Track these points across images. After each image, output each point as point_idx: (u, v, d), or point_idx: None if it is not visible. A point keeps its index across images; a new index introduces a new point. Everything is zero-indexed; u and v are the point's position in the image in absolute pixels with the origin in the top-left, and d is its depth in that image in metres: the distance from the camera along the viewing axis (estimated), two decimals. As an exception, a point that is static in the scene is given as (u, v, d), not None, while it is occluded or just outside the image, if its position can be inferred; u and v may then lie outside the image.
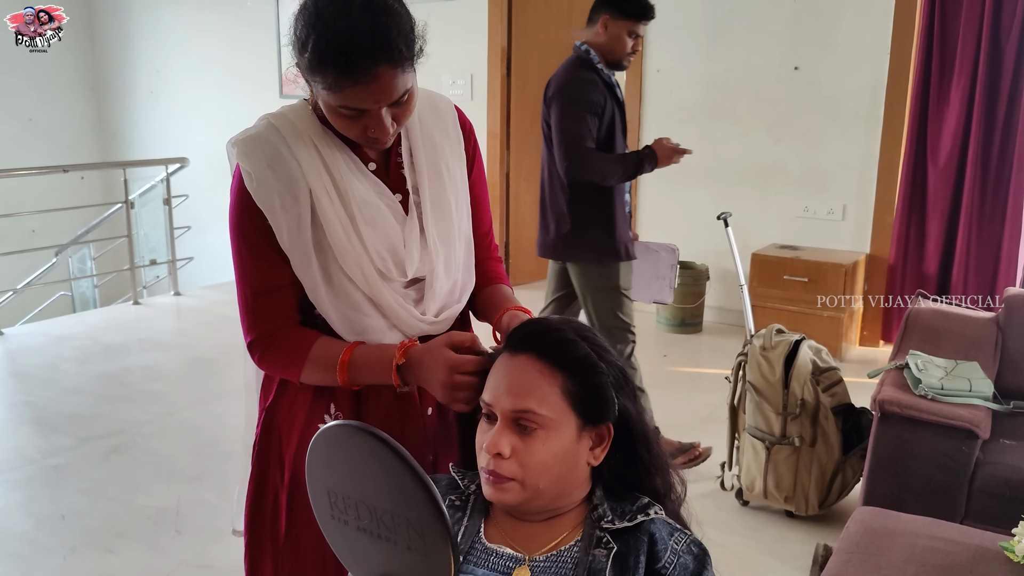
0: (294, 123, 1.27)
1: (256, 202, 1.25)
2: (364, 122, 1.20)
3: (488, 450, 1.04)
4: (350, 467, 0.95)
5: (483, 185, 1.49)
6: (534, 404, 1.03)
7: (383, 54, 1.13)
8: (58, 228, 6.56)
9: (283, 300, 1.30)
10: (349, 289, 1.28)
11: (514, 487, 1.03)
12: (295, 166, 1.25)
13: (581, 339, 1.08)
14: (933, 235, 4.29)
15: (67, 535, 2.75)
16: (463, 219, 1.40)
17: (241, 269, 1.30)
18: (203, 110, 6.92)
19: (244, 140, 1.27)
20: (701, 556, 1.05)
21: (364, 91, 1.15)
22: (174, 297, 5.91)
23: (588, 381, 1.06)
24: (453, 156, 1.39)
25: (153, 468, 3.23)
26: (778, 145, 4.68)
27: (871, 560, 1.76)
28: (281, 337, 1.30)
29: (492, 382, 1.08)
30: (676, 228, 5.07)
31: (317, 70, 1.15)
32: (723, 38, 4.74)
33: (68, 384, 4.11)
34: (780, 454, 2.69)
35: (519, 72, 5.61)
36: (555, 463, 1.04)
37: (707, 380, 4.07)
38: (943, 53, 4.14)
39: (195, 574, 2.52)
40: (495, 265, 1.52)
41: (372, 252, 1.27)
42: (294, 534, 1.37)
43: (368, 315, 1.29)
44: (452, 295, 1.38)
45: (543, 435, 1.04)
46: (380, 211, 1.29)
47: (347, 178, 1.27)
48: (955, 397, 2.38)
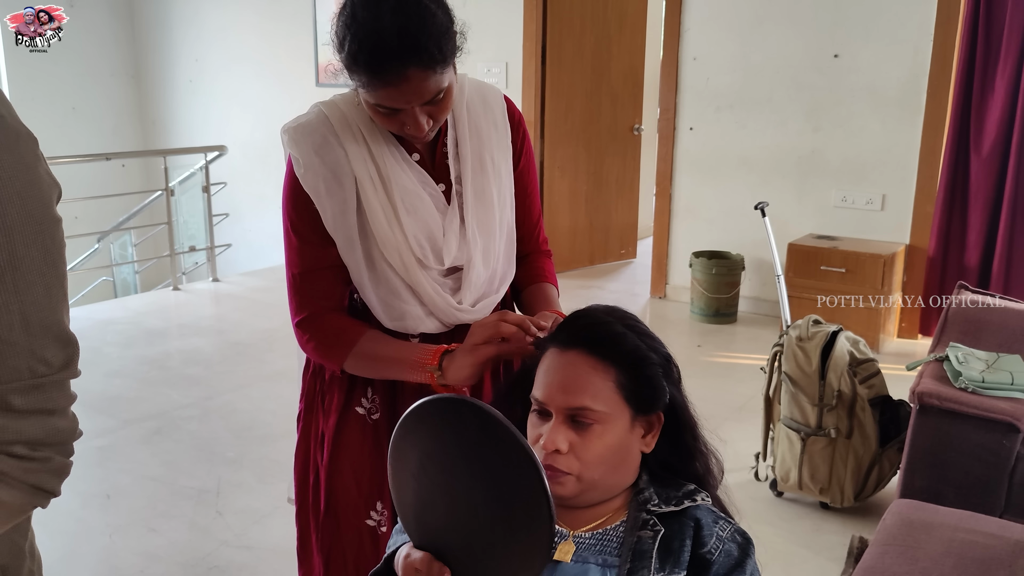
0: (344, 112, 1.30)
1: (303, 187, 1.29)
2: (400, 119, 1.22)
3: (546, 447, 1.04)
4: (461, 444, 0.92)
5: (532, 176, 1.50)
6: (589, 400, 1.04)
7: (412, 57, 1.14)
8: (100, 215, 6.68)
9: (328, 280, 1.33)
10: (389, 275, 1.31)
11: (570, 480, 1.04)
12: (341, 154, 1.28)
13: (628, 330, 1.08)
14: (975, 227, 4.21)
15: (112, 514, 2.82)
16: (505, 210, 1.41)
17: (289, 251, 1.34)
18: (241, 99, 7.00)
19: (295, 128, 1.31)
20: (745, 545, 1.05)
21: (395, 92, 1.17)
22: (212, 283, 6.00)
23: (640, 373, 1.06)
24: (499, 148, 1.40)
25: (194, 450, 3.30)
26: (816, 134, 4.62)
27: (908, 552, 1.75)
28: (331, 321, 1.33)
29: (543, 379, 1.08)
30: (712, 217, 5.04)
31: (352, 70, 1.18)
32: (761, 25, 4.69)
33: (111, 367, 4.20)
34: (816, 445, 2.68)
35: (554, 61, 5.59)
36: (610, 455, 1.05)
37: (741, 370, 4.05)
38: (988, 39, 4.05)
39: (236, 554, 2.57)
40: (544, 261, 1.53)
41: (411, 239, 1.30)
42: (333, 511, 1.42)
43: (406, 301, 1.32)
44: (490, 285, 1.40)
45: (599, 429, 1.04)
46: (421, 200, 1.31)
47: (391, 167, 1.30)
48: (996, 390, 2.34)
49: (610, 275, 6.01)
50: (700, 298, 4.82)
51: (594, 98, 5.89)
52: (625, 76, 6.04)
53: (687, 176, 5.10)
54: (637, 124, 6.19)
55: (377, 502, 1.41)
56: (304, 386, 1.47)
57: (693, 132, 5.02)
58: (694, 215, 5.12)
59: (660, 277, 5.32)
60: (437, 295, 1.33)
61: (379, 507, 1.41)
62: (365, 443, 1.40)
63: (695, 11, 4.89)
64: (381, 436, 1.39)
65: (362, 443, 1.40)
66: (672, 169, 5.15)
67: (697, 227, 5.12)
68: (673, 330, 4.74)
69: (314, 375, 1.44)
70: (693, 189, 5.10)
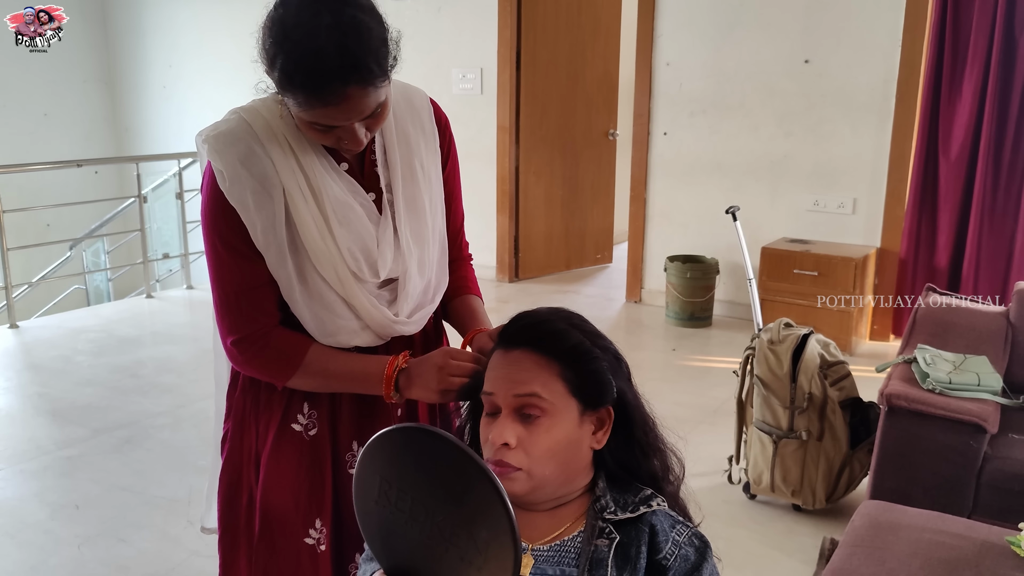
0: (267, 120, 1.24)
1: (229, 200, 1.22)
2: (336, 134, 1.18)
3: (494, 441, 1.05)
4: (420, 468, 0.93)
5: (457, 181, 1.47)
6: (538, 388, 1.05)
7: (353, 75, 1.10)
8: (72, 222, 6.62)
9: (265, 297, 1.27)
10: (323, 289, 1.26)
11: (521, 476, 1.04)
12: (268, 164, 1.22)
13: (572, 327, 1.10)
14: (944, 229, 4.27)
15: (81, 524, 2.79)
16: (437, 218, 1.38)
17: (219, 268, 1.27)
18: (215, 106, 6.93)
19: (215, 136, 1.24)
20: (702, 548, 1.06)
21: (335, 110, 1.13)
22: (187, 291, 5.95)
23: (584, 367, 1.07)
24: (428, 153, 1.37)
25: (166, 459, 3.27)
26: (788, 138, 4.66)
27: (876, 554, 1.76)
28: (275, 339, 1.28)
29: (492, 375, 1.09)
30: (687, 222, 5.07)
31: (287, 89, 1.13)
32: (733, 31, 4.73)
33: (82, 376, 4.15)
34: (787, 448, 2.70)
35: (528, 67, 5.61)
36: (560, 449, 1.05)
37: (716, 374, 4.07)
38: (955, 45, 4.11)
39: (207, 564, 2.54)
40: (467, 269, 1.52)
41: (345, 253, 1.25)
42: (268, 533, 1.35)
43: (341, 316, 1.28)
44: (425, 295, 1.37)
45: (547, 422, 1.05)
46: (353, 211, 1.27)
47: (321, 177, 1.25)
48: (963, 391, 2.37)
49: (586, 280, 6.02)
50: (675, 302, 4.84)
51: (569, 103, 5.91)
52: (599, 82, 6.06)
53: (661, 181, 5.13)
54: (612, 129, 6.22)
55: (316, 519, 1.35)
56: (231, 405, 1.40)
57: (667, 137, 5.05)
58: (668, 220, 5.15)
59: (635, 282, 5.34)
60: (374, 308, 1.29)
61: (318, 524, 1.36)
62: (303, 460, 1.34)
63: (668, 17, 4.93)
64: (319, 452, 1.35)
65: (299, 460, 1.34)
66: (646, 174, 5.17)
67: (672, 232, 5.15)
68: (648, 334, 4.76)
69: (243, 393, 1.37)
70: (667, 194, 5.13)
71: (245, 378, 1.37)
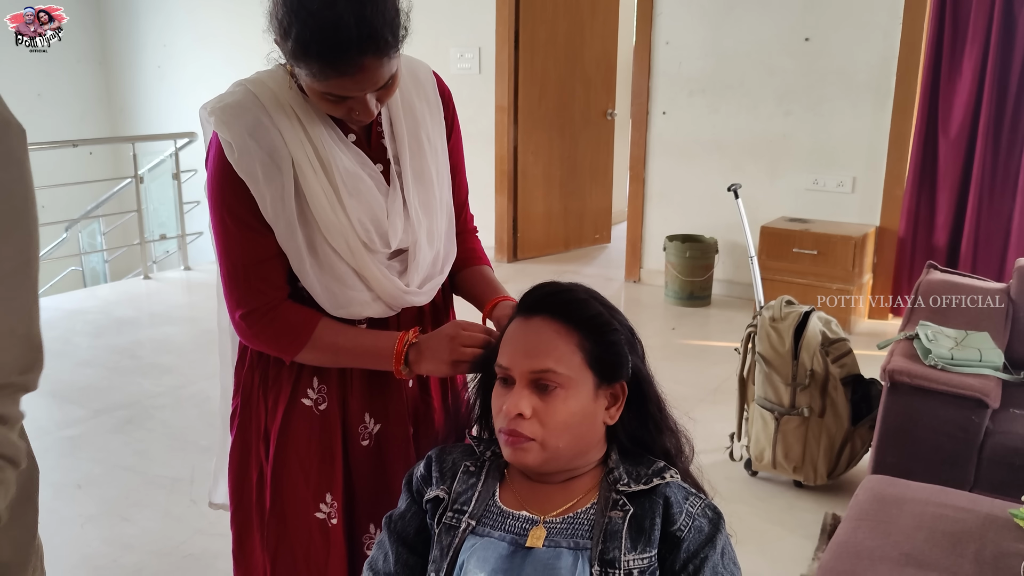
0: (274, 91, 1.23)
1: (238, 172, 1.21)
2: (348, 105, 1.18)
3: (508, 411, 1.05)
4: None
5: (461, 153, 1.47)
6: (552, 363, 1.04)
7: (369, 45, 1.10)
8: (68, 203, 6.57)
9: (274, 270, 1.27)
10: (334, 261, 1.26)
11: (534, 447, 1.05)
12: (277, 136, 1.21)
13: (592, 299, 1.10)
14: (943, 207, 4.27)
15: (84, 504, 2.79)
16: (444, 189, 1.39)
17: (226, 241, 1.26)
18: (211, 85, 6.86)
19: (223, 108, 1.23)
20: (716, 520, 1.06)
21: (350, 81, 1.13)
22: (184, 271, 5.93)
23: (603, 338, 1.07)
24: (434, 125, 1.37)
25: (167, 439, 3.27)
26: (787, 117, 4.65)
27: (880, 527, 1.77)
28: (284, 313, 1.28)
29: (508, 346, 1.09)
30: (686, 201, 5.06)
31: (301, 59, 1.12)
32: (733, 10, 4.69)
33: (81, 357, 4.14)
34: (789, 425, 2.71)
35: (527, 46, 5.57)
36: (574, 422, 1.05)
37: (716, 352, 4.08)
38: (955, 23, 4.09)
39: (210, 542, 2.55)
40: (473, 241, 1.52)
41: (356, 223, 1.25)
42: (280, 508, 1.35)
43: (352, 287, 1.28)
44: (435, 266, 1.38)
45: (563, 394, 1.05)
46: (363, 182, 1.27)
47: (330, 149, 1.24)
48: (965, 367, 2.38)
49: (585, 260, 6.02)
50: (674, 281, 4.84)
51: (567, 83, 5.88)
52: (598, 61, 6.03)
53: (660, 160, 5.11)
54: (610, 109, 6.19)
55: (327, 494, 1.36)
56: (239, 381, 1.40)
57: (666, 116, 5.03)
58: (667, 199, 5.14)
59: (634, 261, 5.33)
60: (385, 278, 1.29)
61: (328, 499, 1.36)
62: (312, 435, 1.34)
63: (667, -5, 4.90)
64: (329, 427, 1.35)
65: (309, 435, 1.34)
66: (645, 154, 5.16)
67: (671, 211, 5.14)
68: (648, 314, 4.76)
69: (251, 369, 1.37)
70: (666, 173, 5.11)
71: (253, 354, 1.37)
